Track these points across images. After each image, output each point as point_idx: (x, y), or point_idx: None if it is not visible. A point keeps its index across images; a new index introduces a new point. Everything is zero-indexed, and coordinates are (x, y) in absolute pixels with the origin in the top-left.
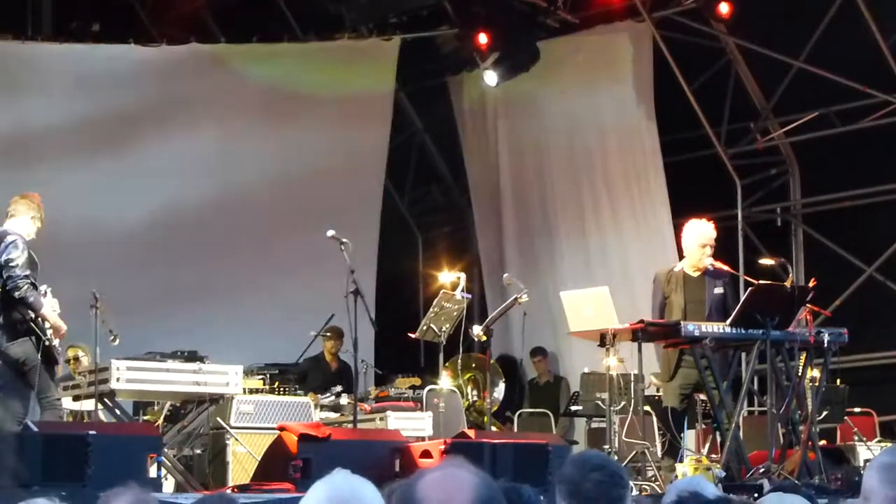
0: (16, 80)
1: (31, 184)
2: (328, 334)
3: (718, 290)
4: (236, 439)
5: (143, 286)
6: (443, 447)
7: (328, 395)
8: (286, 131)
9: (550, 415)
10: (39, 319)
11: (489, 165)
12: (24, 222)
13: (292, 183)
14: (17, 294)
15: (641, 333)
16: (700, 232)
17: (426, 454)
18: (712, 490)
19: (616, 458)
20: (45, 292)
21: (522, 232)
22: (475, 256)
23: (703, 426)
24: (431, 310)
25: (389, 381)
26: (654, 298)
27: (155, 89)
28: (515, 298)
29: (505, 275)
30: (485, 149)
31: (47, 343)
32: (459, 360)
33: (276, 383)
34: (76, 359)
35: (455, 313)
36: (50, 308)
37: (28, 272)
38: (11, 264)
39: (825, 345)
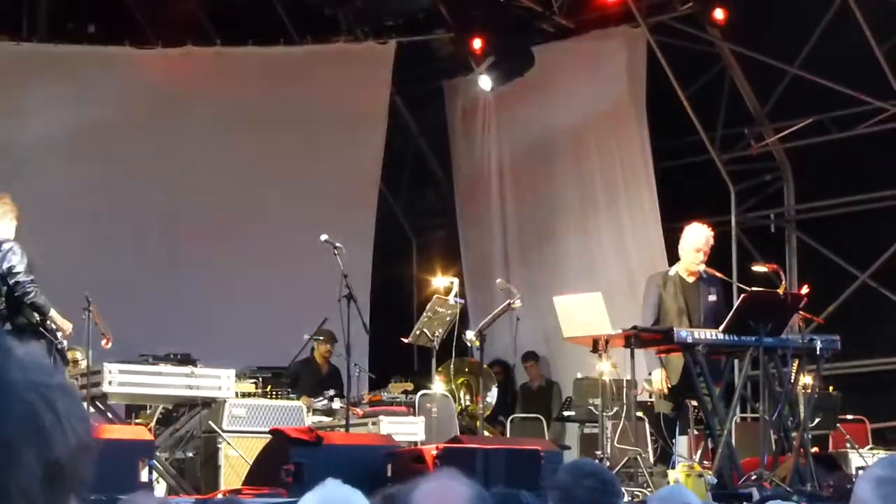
0: (11, 81)
1: (24, 186)
2: (321, 338)
3: (712, 297)
4: (228, 443)
5: (135, 289)
6: (435, 452)
7: (321, 398)
8: (281, 134)
9: (543, 420)
10: (48, 322)
11: (480, 170)
12: (5, 226)
13: (287, 186)
14: (27, 299)
15: (634, 340)
16: (696, 236)
17: (419, 459)
18: (694, 500)
19: (608, 463)
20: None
21: (513, 237)
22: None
23: (696, 432)
24: (425, 314)
25: (382, 386)
26: (646, 300)
27: (151, 91)
28: (508, 303)
29: (498, 280)
30: (476, 153)
31: (59, 346)
32: (452, 365)
33: (269, 387)
34: (75, 361)
35: (448, 318)
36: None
37: (33, 276)
38: (15, 271)
39: (818, 351)
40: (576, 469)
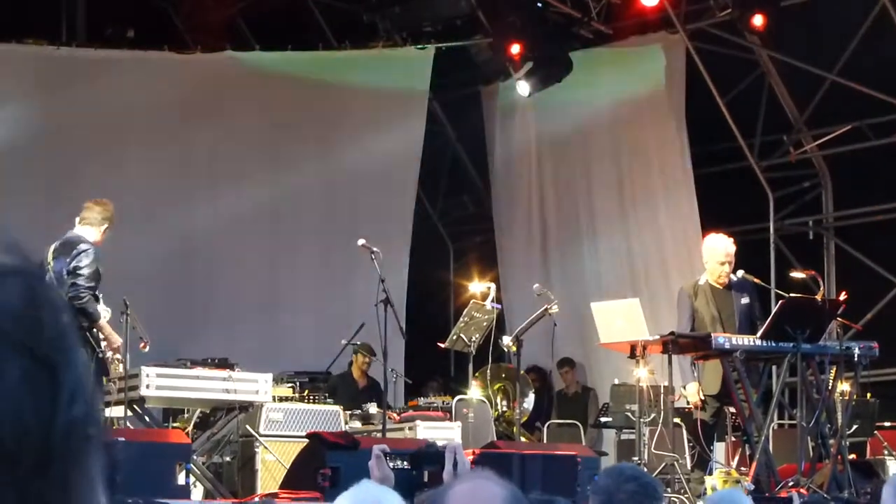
0: (51, 86)
1: (65, 190)
2: (357, 344)
3: (745, 301)
4: (265, 447)
5: (173, 293)
6: (472, 457)
7: (358, 412)
8: (319, 141)
9: (580, 426)
10: (95, 330)
11: (518, 176)
12: (93, 231)
13: (324, 192)
14: (77, 303)
15: (671, 345)
16: (717, 249)
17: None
18: (747, 502)
19: (645, 469)
20: (99, 299)
21: (551, 243)
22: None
23: (733, 439)
24: (461, 320)
25: (419, 392)
26: (680, 312)
27: (189, 96)
28: (545, 309)
29: (535, 285)
30: (514, 158)
31: (101, 355)
32: (489, 371)
33: (306, 391)
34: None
35: (485, 323)
36: (106, 320)
37: (93, 283)
38: (80, 272)
39: (856, 358)
40: (617, 473)
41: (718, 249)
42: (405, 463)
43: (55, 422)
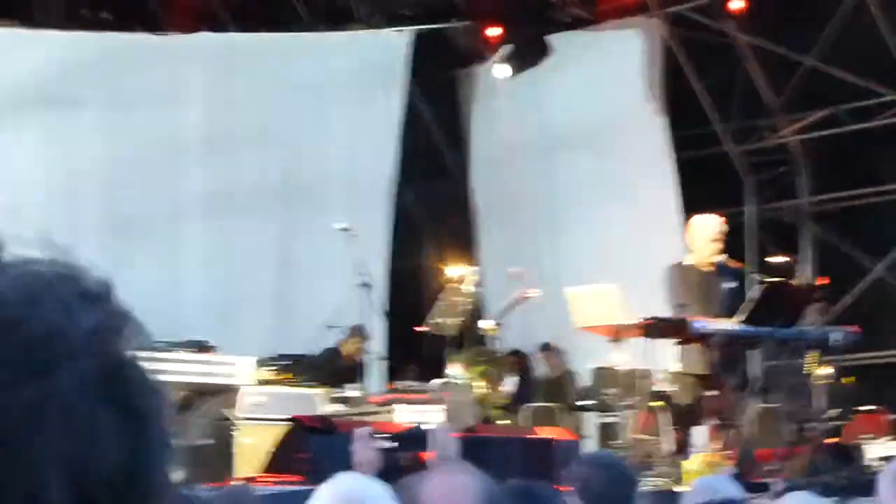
0: (20, 67)
1: (37, 167)
2: (353, 333)
3: (730, 285)
4: (242, 431)
5: (154, 274)
6: None
7: (341, 389)
8: (295, 122)
9: (560, 409)
10: None
11: (497, 159)
12: None
13: (301, 174)
14: None
15: (651, 330)
16: (709, 226)
17: None
18: (735, 490)
19: (625, 453)
20: None
21: (529, 226)
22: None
23: (713, 423)
24: (440, 303)
25: (397, 376)
26: (673, 287)
27: (163, 77)
28: (524, 292)
29: (511, 269)
30: (492, 142)
31: None
32: (469, 355)
33: (287, 375)
34: None
35: (464, 307)
36: None
37: None
38: None
39: (832, 342)
40: (593, 461)
41: (711, 226)
42: (389, 445)
43: (140, 474)
